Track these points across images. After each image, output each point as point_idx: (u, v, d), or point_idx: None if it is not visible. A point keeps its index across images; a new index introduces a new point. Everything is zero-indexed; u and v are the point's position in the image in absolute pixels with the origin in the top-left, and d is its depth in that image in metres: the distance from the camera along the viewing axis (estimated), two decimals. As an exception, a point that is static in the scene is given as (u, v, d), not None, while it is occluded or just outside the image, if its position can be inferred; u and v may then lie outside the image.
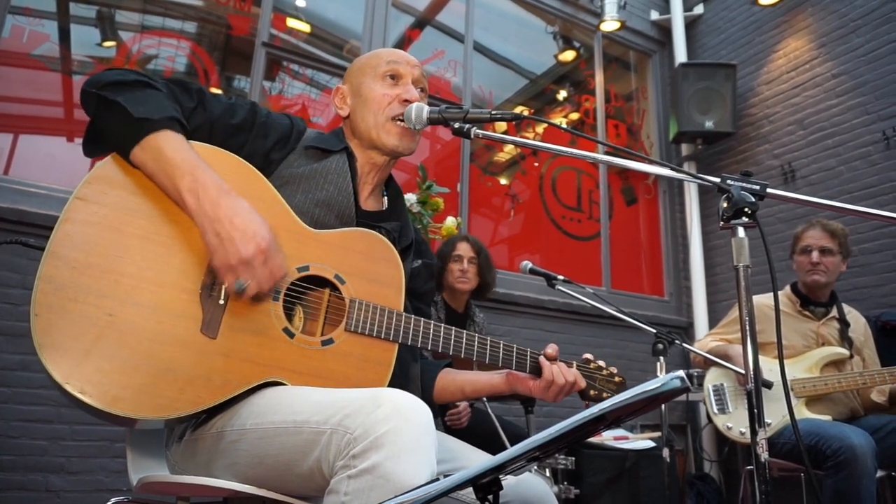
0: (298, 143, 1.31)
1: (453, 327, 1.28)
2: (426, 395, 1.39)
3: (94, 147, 1.14)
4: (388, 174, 1.44)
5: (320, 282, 1.20)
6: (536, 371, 1.33)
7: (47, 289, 0.99)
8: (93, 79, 1.11)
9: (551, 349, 1.33)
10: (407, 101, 1.32)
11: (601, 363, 1.44)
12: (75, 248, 1.02)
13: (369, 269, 1.23)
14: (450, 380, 1.42)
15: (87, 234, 1.03)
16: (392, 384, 1.20)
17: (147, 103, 1.09)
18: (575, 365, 1.38)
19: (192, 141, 1.14)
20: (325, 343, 1.16)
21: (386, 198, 1.44)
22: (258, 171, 1.20)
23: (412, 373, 1.35)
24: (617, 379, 1.44)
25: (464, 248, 2.85)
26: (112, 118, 1.09)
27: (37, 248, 1.25)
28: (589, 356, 1.44)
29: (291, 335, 1.14)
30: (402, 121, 1.32)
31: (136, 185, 1.09)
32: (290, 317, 1.16)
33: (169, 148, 1.07)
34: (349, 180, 1.29)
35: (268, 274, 1.07)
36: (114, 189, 1.08)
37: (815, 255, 2.62)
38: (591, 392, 1.39)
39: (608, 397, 1.40)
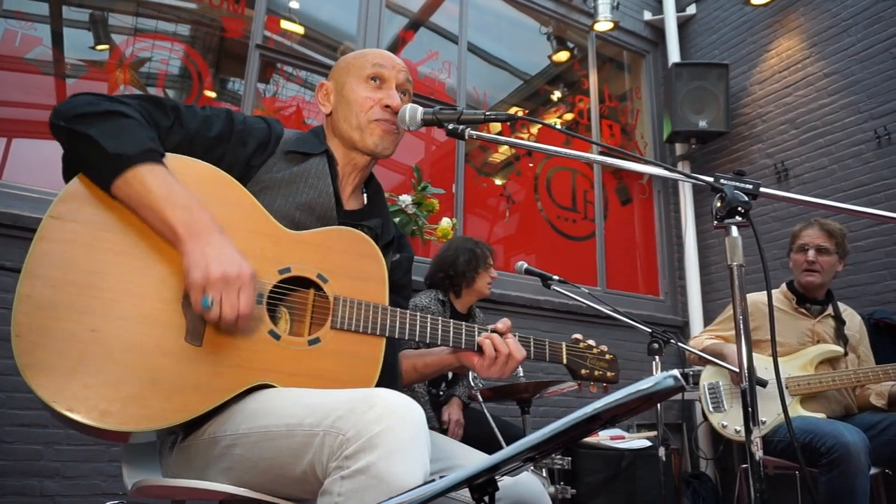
0: (277, 146, 1.30)
1: (440, 318, 1.28)
2: None
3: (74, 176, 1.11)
4: (370, 173, 1.44)
5: (303, 283, 1.20)
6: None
7: (27, 309, 0.98)
8: (60, 109, 1.07)
9: (501, 324, 1.32)
10: (388, 107, 1.32)
11: (591, 342, 1.44)
12: (53, 267, 1.01)
13: (352, 266, 1.23)
14: (403, 361, 1.43)
15: (64, 252, 1.03)
16: (382, 378, 1.20)
17: (121, 136, 1.06)
18: (565, 346, 1.38)
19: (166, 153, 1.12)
20: (311, 343, 1.16)
21: (365, 195, 1.44)
22: (233, 178, 1.19)
23: (396, 364, 1.35)
24: (608, 357, 1.44)
25: (492, 258, 2.94)
26: (86, 152, 1.06)
27: (13, 272, 1.24)
28: (578, 336, 1.44)
29: (277, 337, 1.13)
30: (384, 121, 1.33)
31: (108, 201, 1.08)
32: (275, 319, 1.16)
33: (154, 183, 1.05)
34: (329, 182, 1.28)
35: (237, 303, 1.04)
36: (87, 205, 1.07)
37: (811, 253, 2.63)
38: (583, 372, 1.39)
39: (600, 376, 1.41)
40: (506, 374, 1.31)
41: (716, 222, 1.12)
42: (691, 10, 5.05)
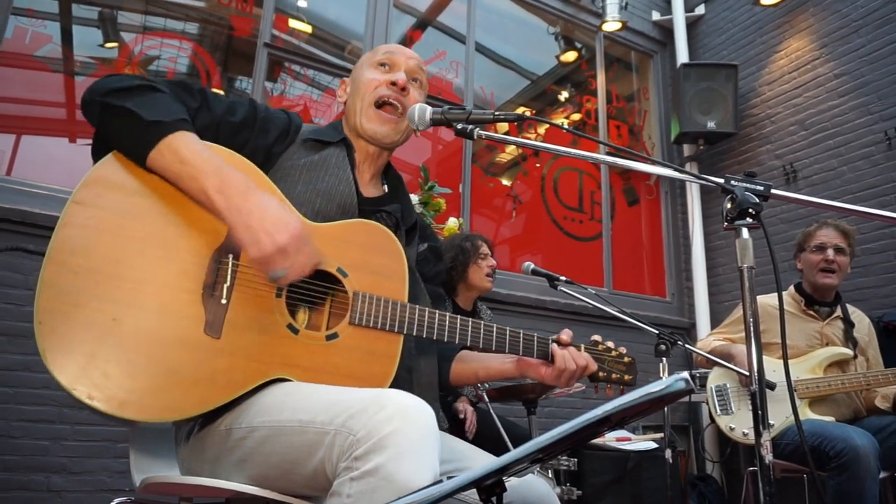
0: (297, 136, 1.32)
1: (458, 316, 1.27)
2: (443, 381, 1.40)
3: (104, 155, 1.12)
4: (387, 162, 1.46)
5: (323, 276, 1.20)
6: (545, 356, 1.33)
7: (49, 295, 0.98)
8: (94, 86, 1.10)
9: (565, 335, 1.34)
10: (394, 84, 1.35)
11: (610, 344, 1.43)
12: (75, 253, 1.01)
13: (372, 261, 1.23)
14: (464, 365, 1.43)
15: (87, 239, 1.02)
16: (398, 376, 1.20)
17: (156, 106, 1.08)
18: (583, 348, 1.38)
19: None
20: (329, 338, 1.16)
21: (386, 186, 1.45)
22: (257, 167, 1.20)
23: (426, 362, 1.34)
24: (626, 360, 1.42)
25: (486, 248, 2.89)
26: (121, 125, 1.08)
27: (37, 254, 1.25)
28: (597, 338, 1.42)
29: (296, 331, 1.13)
30: (388, 105, 1.35)
31: (133, 187, 1.08)
32: (293, 313, 1.16)
33: (188, 150, 1.07)
34: (349, 171, 1.30)
35: (304, 259, 1.08)
36: (111, 191, 1.07)
37: (830, 252, 2.62)
38: (601, 374, 1.38)
39: (617, 378, 1.39)
40: (571, 385, 1.35)
41: (726, 224, 1.11)
42: (700, 10, 5.03)
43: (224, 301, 1.09)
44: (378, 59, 1.40)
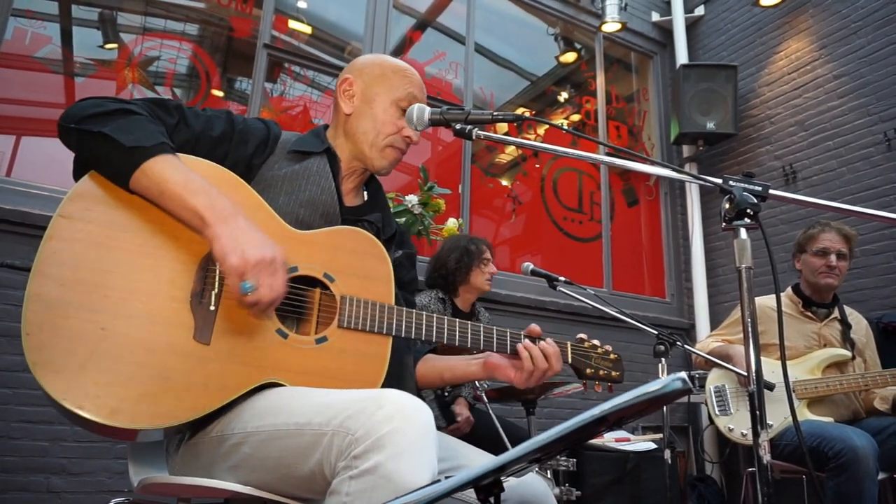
0: (276, 145, 1.31)
1: (445, 317, 1.29)
2: None
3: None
4: (370, 174, 1.46)
5: (310, 282, 1.21)
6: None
7: (37, 307, 0.99)
8: (69, 113, 1.09)
9: (535, 326, 1.33)
10: (409, 139, 1.36)
11: (595, 342, 1.44)
12: (62, 265, 1.02)
13: (358, 265, 1.24)
14: (430, 366, 1.43)
15: (74, 251, 1.03)
16: (388, 377, 1.20)
17: (134, 131, 1.08)
18: (569, 345, 1.38)
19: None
20: (319, 341, 1.16)
21: (366, 192, 1.45)
22: (240, 178, 1.21)
23: (407, 364, 1.35)
24: (612, 357, 1.43)
25: (489, 253, 2.91)
26: (100, 150, 1.07)
27: (23, 270, 1.24)
28: (583, 336, 1.43)
29: (285, 336, 1.14)
30: (399, 149, 1.37)
31: (118, 200, 1.09)
32: (282, 318, 1.16)
33: (172, 172, 1.07)
34: (331, 180, 1.30)
35: (277, 284, 1.06)
36: (97, 205, 1.08)
37: (833, 258, 2.61)
38: (588, 371, 1.39)
39: (605, 375, 1.41)
40: (539, 383, 1.33)
41: (724, 224, 1.12)
42: (699, 11, 5.03)
43: (213, 308, 1.09)
44: (401, 97, 1.35)
